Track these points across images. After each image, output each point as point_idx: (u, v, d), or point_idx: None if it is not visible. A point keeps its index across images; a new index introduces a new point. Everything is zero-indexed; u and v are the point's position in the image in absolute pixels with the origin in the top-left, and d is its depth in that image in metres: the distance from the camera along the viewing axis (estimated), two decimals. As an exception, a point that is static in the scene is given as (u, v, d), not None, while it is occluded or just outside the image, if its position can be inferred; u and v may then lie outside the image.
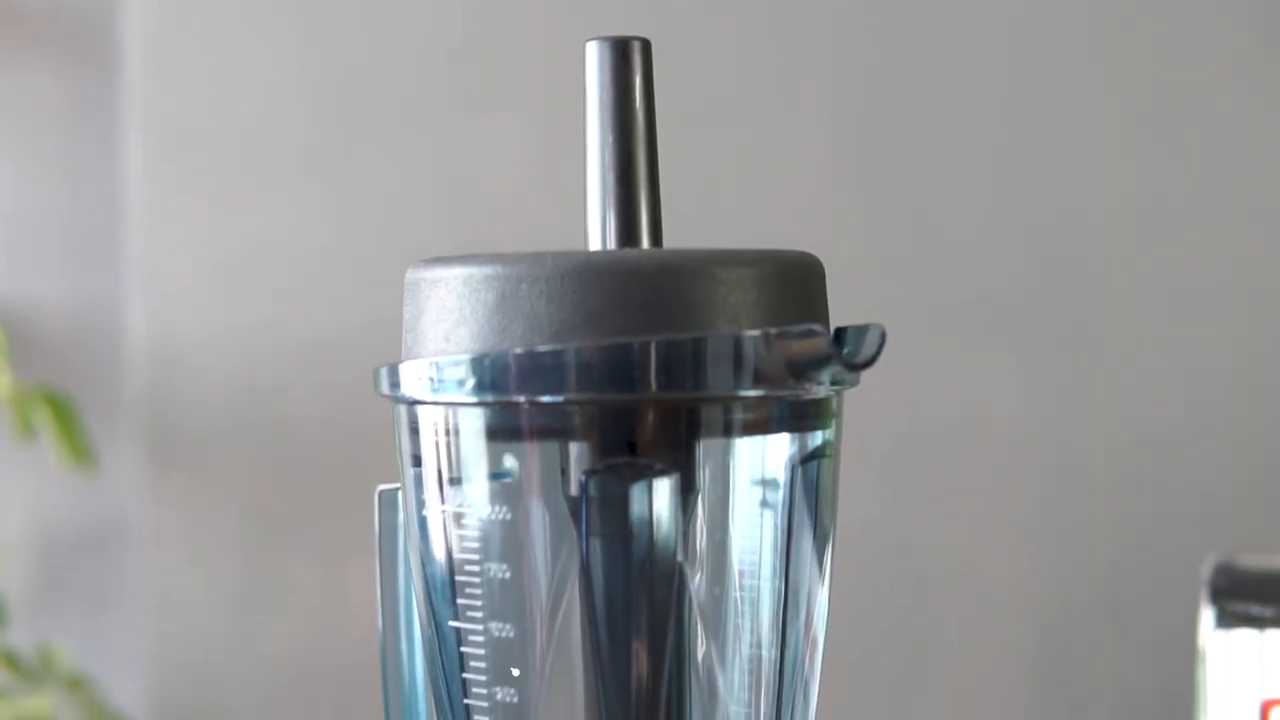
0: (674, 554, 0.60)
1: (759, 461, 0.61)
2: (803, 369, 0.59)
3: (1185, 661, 0.90)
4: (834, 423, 0.63)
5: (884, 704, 1.42)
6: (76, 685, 1.39)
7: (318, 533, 1.43)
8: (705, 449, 0.60)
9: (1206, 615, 0.83)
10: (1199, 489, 1.37)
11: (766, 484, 0.62)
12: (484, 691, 0.61)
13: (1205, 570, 0.86)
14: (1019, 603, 1.41)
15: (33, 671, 1.38)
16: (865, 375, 0.75)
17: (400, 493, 0.68)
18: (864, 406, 1.37)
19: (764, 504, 0.62)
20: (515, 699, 0.60)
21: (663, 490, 0.59)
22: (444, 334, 0.60)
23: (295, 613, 1.43)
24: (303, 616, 1.43)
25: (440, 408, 0.61)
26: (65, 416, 1.35)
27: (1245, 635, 0.82)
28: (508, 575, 0.60)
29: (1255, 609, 0.82)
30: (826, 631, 0.66)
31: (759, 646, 0.63)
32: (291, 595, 1.43)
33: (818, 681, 0.65)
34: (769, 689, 0.63)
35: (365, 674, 1.42)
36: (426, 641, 0.63)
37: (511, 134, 1.42)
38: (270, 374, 1.42)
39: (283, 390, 1.42)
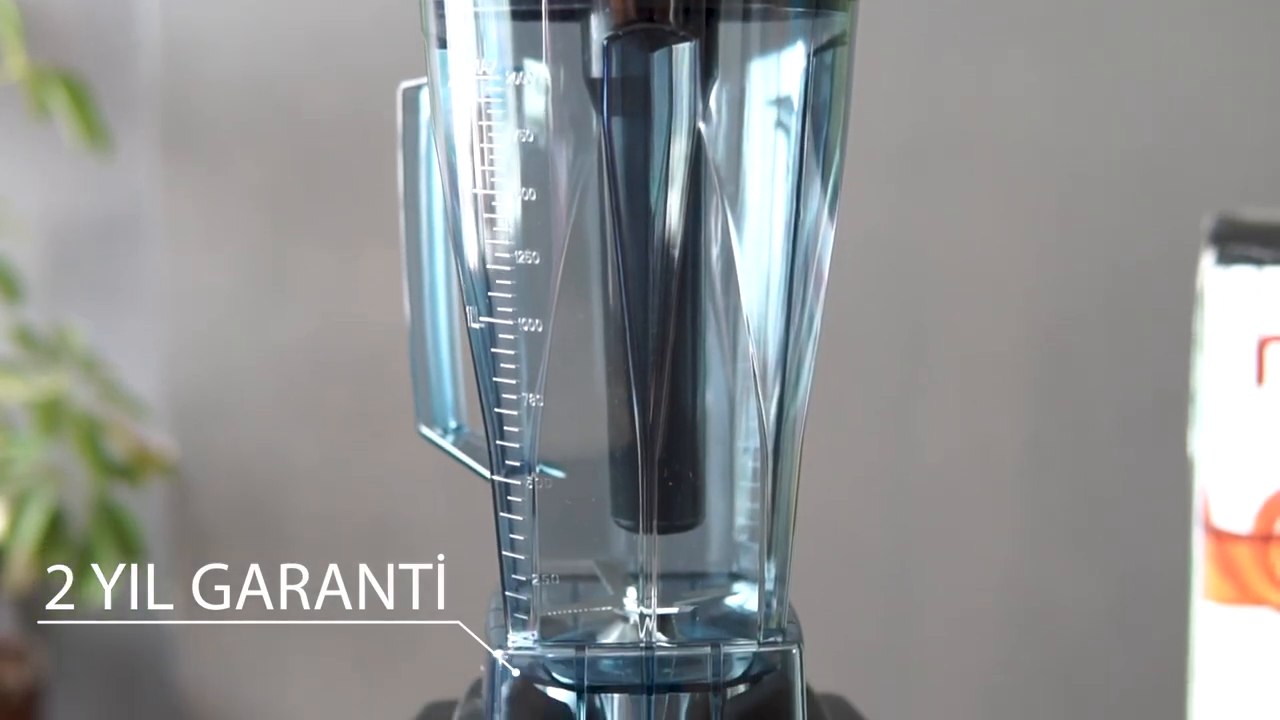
0: (692, 123, 0.61)
1: (776, 41, 0.62)
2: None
3: (1185, 366, 0.91)
4: (851, 8, 0.64)
5: (885, 402, 1.44)
6: (90, 366, 1.40)
7: (331, 221, 1.44)
8: (724, 22, 0.61)
9: (1207, 257, 0.84)
10: (1203, 191, 1.38)
11: (784, 66, 0.62)
12: (507, 255, 0.62)
13: (1206, 223, 0.87)
14: (1023, 303, 1.42)
15: (48, 349, 1.39)
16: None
17: (423, 90, 0.69)
18: (873, 104, 1.38)
19: (780, 90, 0.63)
20: (537, 260, 0.62)
21: (682, 57, 0.60)
22: (471, -94, 0.61)
23: (308, 301, 1.44)
24: (315, 305, 1.44)
25: (466, -23, 0.61)
26: (80, 97, 1.35)
27: (1244, 273, 0.83)
28: (531, 140, 0.61)
29: (1255, 250, 0.84)
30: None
31: (770, 244, 0.64)
32: (304, 283, 1.44)
33: (820, 315, 0.66)
34: (778, 291, 0.64)
35: (378, 362, 1.44)
36: (449, 216, 0.64)
37: None
38: (284, 61, 1.42)
39: (297, 77, 1.42)
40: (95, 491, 1.40)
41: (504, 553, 0.64)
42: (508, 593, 0.64)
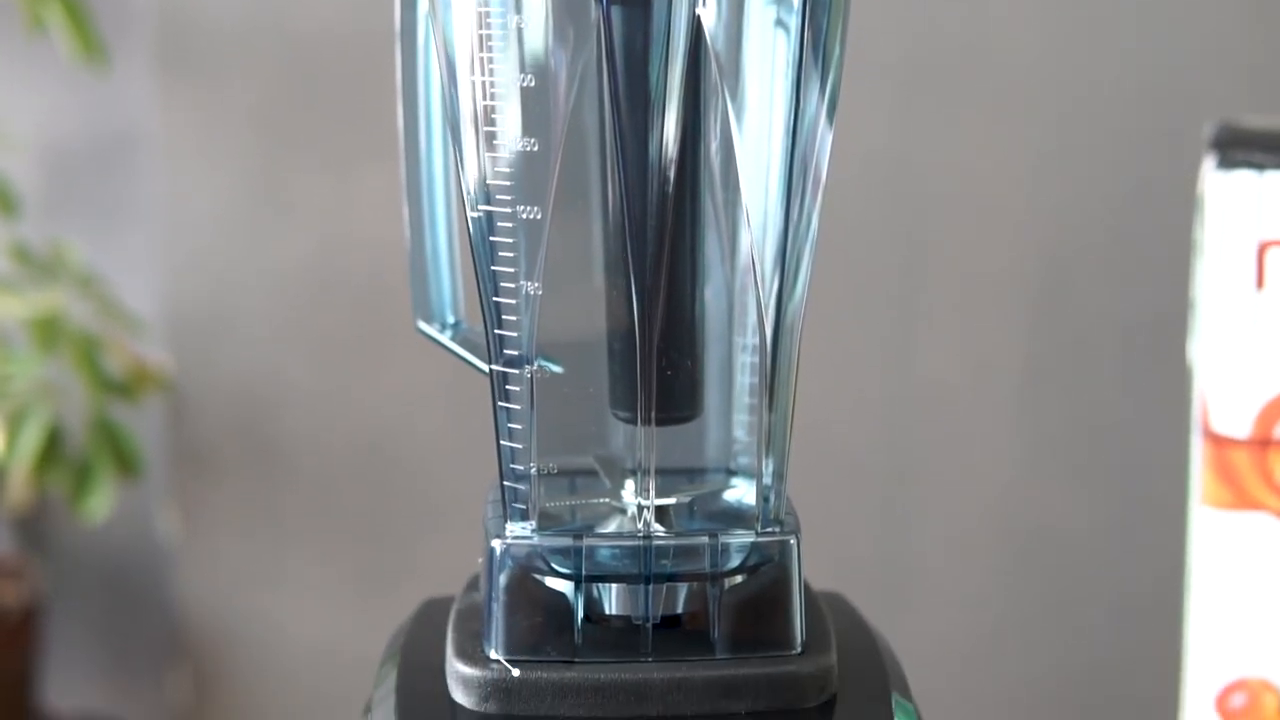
0: (692, 10, 0.61)
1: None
2: None
3: (1185, 285, 0.91)
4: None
5: (883, 319, 1.44)
6: (87, 283, 1.40)
7: (328, 141, 1.43)
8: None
9: (1208, 162, 0.84)
10: (1203, 107, 1.38)
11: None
12: (504, 142, 0.62)
13: (1207, 129, 0.87)
14: (1021, 220, 1.42)
15: (45, 266, 1.39)
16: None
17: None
18: (871, 21, 1.37)
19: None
20: (536, 148, 0.62)
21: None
22: None
23: (306, 219, 1.44)
24: (312, 224, 1.44)
25: None
26: (75, 12, 1.35)
27: (1244, 177, 0.83)
28: (529, 26, 0.61)
29: (1256, 155, 0.84)
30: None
31: (769, 140, 0.64)
32: (303, 202, 1.44)
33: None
34: (778, 186, 0.64)
35: (377, 282, 1.44)
36: (446, 105, 0.64)
37: None
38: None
39: (294, -6, 1.42)
40: (93, 408, 1.40)
41: (502, 442, 0.64)
42: (506, 483, 0.64)
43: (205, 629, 1.48)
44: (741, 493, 0.67)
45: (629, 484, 0.66)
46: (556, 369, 0.64)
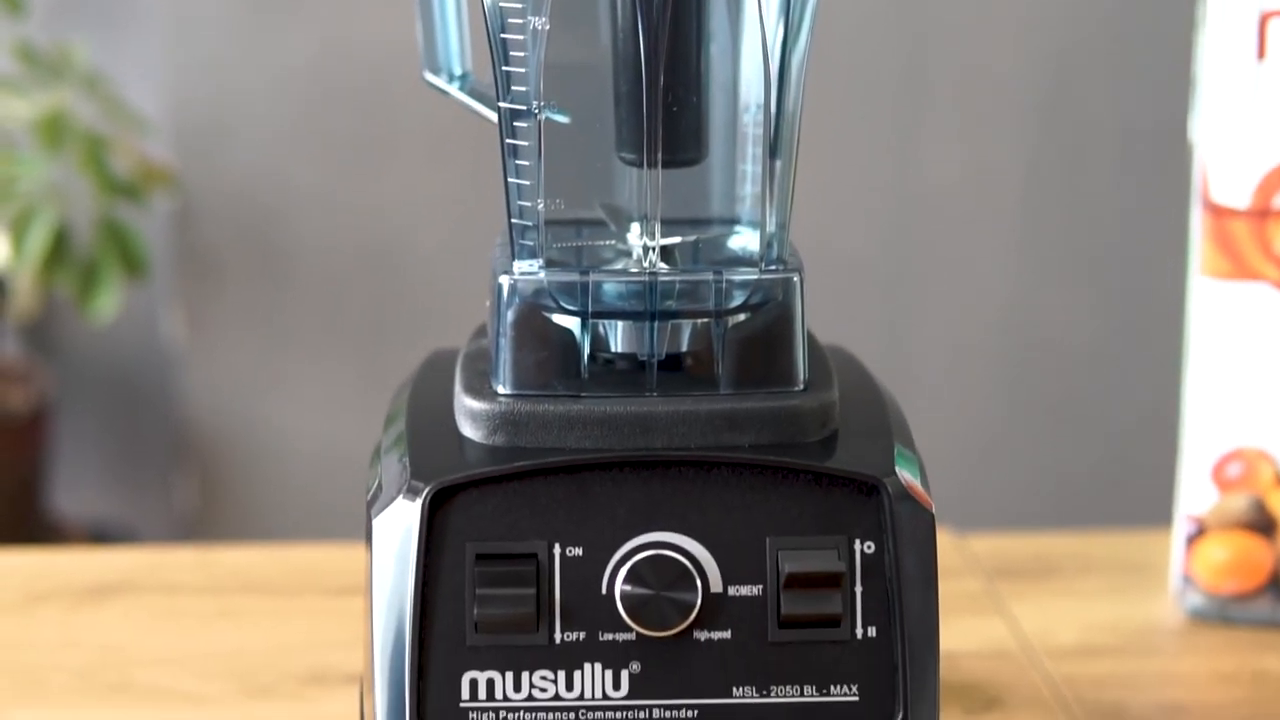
0: None
1: None
2: None
3: (1186, 92, 0.91)
4: None
5: (885, 127, 1.44)
6: (93, 83, 1.40)
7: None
8: None
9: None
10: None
11: None
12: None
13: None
14: (1024, 27, 1.42)
15: (51, 66, 1.39)
16: None
17: None
18: None
19: None
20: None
21: None
22: None
23: (310, 21, 1.44)
24: (317, 25, 1.44)
25: None
26: None
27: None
28: None
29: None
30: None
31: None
32: (307, 3, 1.44)
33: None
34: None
35: (381, 87, 1.44)
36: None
37: None
38: None
39: None
40: (100, 209, 1.40)
41: (510, 180, 0.64)
42: (513, 221, 0.64)
43: (210, 431, 1.49)
44: (745, 240, 0.68)
45: (635, 228, 0.66)
46: (563, 119, 0.65)
